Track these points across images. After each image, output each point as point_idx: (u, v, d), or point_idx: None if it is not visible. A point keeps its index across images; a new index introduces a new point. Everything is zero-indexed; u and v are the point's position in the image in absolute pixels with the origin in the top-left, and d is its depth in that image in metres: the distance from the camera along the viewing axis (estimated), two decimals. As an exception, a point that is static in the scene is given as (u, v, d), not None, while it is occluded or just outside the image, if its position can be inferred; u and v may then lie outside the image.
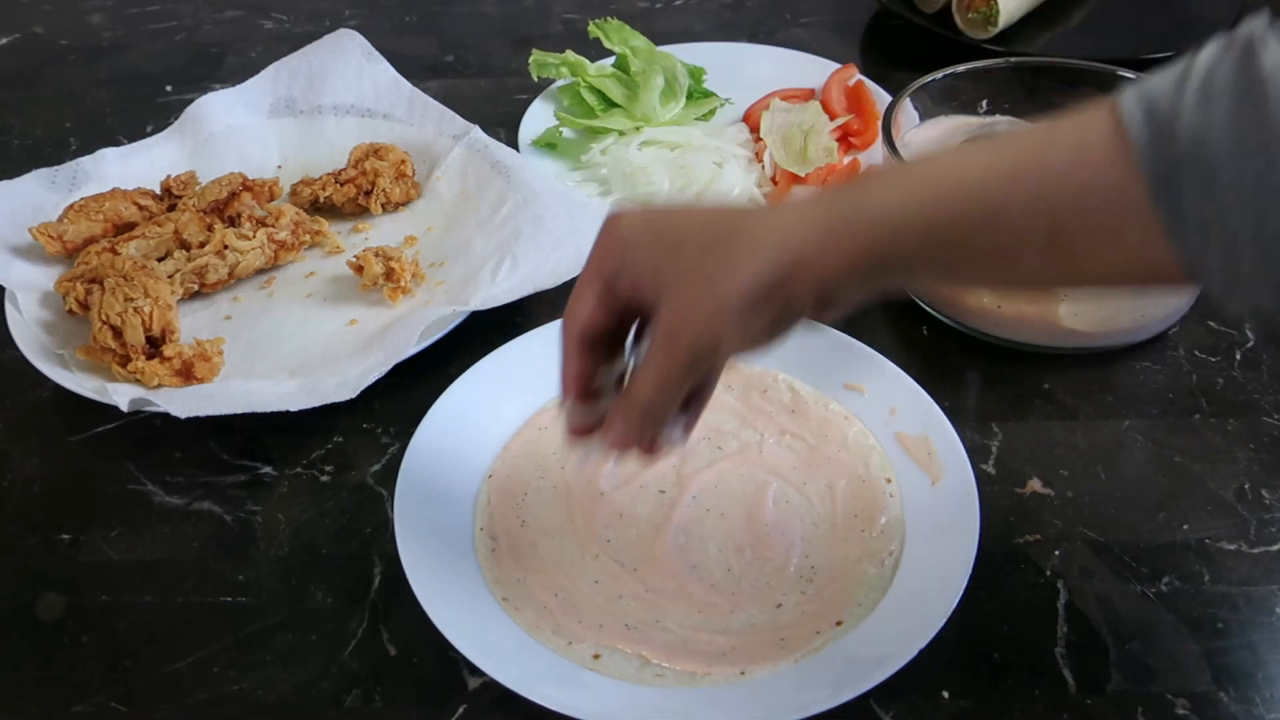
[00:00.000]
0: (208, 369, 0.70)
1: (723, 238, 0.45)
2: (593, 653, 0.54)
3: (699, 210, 0.48)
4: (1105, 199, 0.39)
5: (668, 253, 0.46)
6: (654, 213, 0.48)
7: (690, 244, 0.45)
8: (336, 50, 0.94)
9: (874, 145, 0.91)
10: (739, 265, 0.44)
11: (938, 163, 0.45)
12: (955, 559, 0.55)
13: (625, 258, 0.47)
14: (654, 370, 0.46)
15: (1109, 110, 0.40)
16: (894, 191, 0.44)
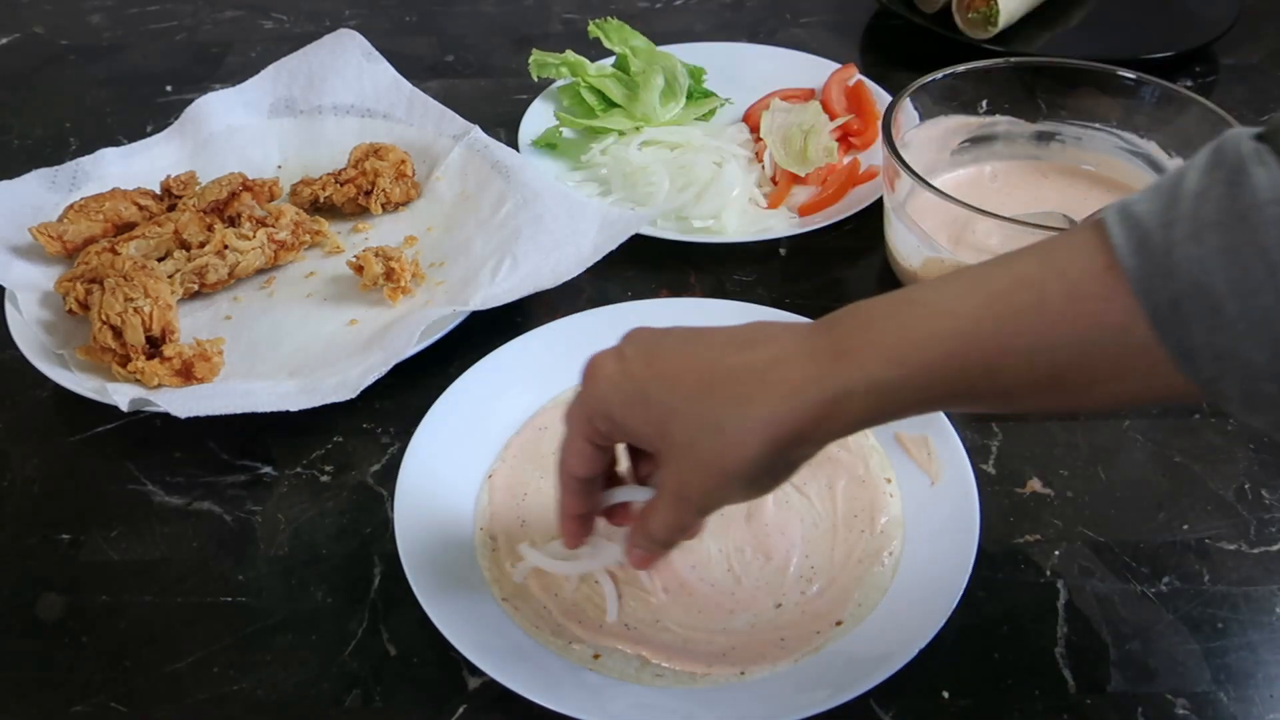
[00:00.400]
0: (208, 369, 0.70)
1: (712, 410, 0.44)
2: (593, 653, 0.54)
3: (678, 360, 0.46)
4: (1106, 339, 0.39)
5: (658, 421, 0.45)
6: (632, 364, 0.46)
7: (680, 415, 0.44)
8: (336, 50, 0.94)
9: (874, 145, 0.91)
10: (734, 443, 0.43)
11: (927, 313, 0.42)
12: (955, 559, 0.55)
13: (614, 420, 0.46)
14: (667, 517, 0.48)
15: (1098, 240, 0.39)
16: (887, 357, 0.42)
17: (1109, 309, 0.38)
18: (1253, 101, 0.99)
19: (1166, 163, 0.78)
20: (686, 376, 0.45)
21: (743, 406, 0.43)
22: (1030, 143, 0.83)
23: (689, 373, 0.45)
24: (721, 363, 0.45)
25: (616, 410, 0.46)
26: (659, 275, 0.80)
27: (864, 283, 0.80)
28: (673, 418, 0.45)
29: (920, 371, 0.41)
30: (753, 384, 0.43)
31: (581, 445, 0.49)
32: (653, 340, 0.47)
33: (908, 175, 0.70)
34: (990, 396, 0.43)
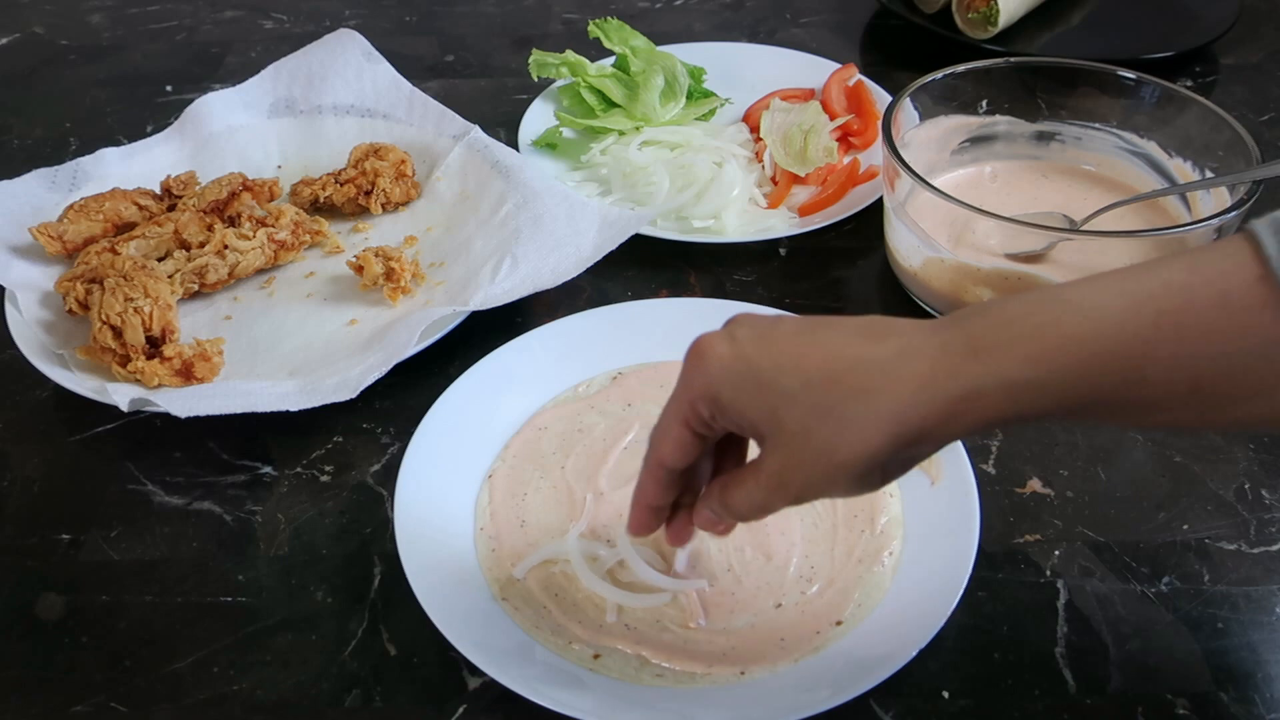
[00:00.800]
0: (208, 369, 0.70)
1: (834, 399, 0.42)
2: (593, 653, 0.54)
3: (798, 346, 0.43)
4: (1255, 351, 0.37)
5: (772, 407, 0.43)
6: (747, 348, 0.44)
7: (799, 402, 0.42)
8: (336, 50, 0.94)
9: (874, 145, 0.91)
10: (855, 436, 0.41)
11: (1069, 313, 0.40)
12: (955, 559, 0.55)
13: (721, 403, 0.44)
14: (756, 497, 0.46)
15: (1250, 251, 0.37)
16: (1025, 356, 0.40)
17: (1261, 321, 0.37)
18: (1253, 101, 0.99)
19: (1166, 163, 0.78)
20: (807, 362, 0.43)
21: (867, 398, 0.41)
22: (1030, 143, 0.83)
23: (809, 359, 0.43)
24: (845, 351, 0.43)
25: (726, 393, 0.44)
26: (659, 275, 0.80)
27: (864, 283, 0.80)
28: (788, 403, 0.42)
29: (1058, 374, 0.40)
30: (879, 375, 0.41)
31: (680, 432, 0.46)
32: (766, 325, 0.45)
33: (908, 175, 0.70)
34: (1125, 406, 0.41)
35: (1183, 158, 0.77)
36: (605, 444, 0.65)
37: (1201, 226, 0.66)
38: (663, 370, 0.69)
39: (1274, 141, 0.94)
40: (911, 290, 0.76)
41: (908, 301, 0.76)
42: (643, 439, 0.65)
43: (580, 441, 0.65)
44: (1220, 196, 0.72)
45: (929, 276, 0.72)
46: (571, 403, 0.68)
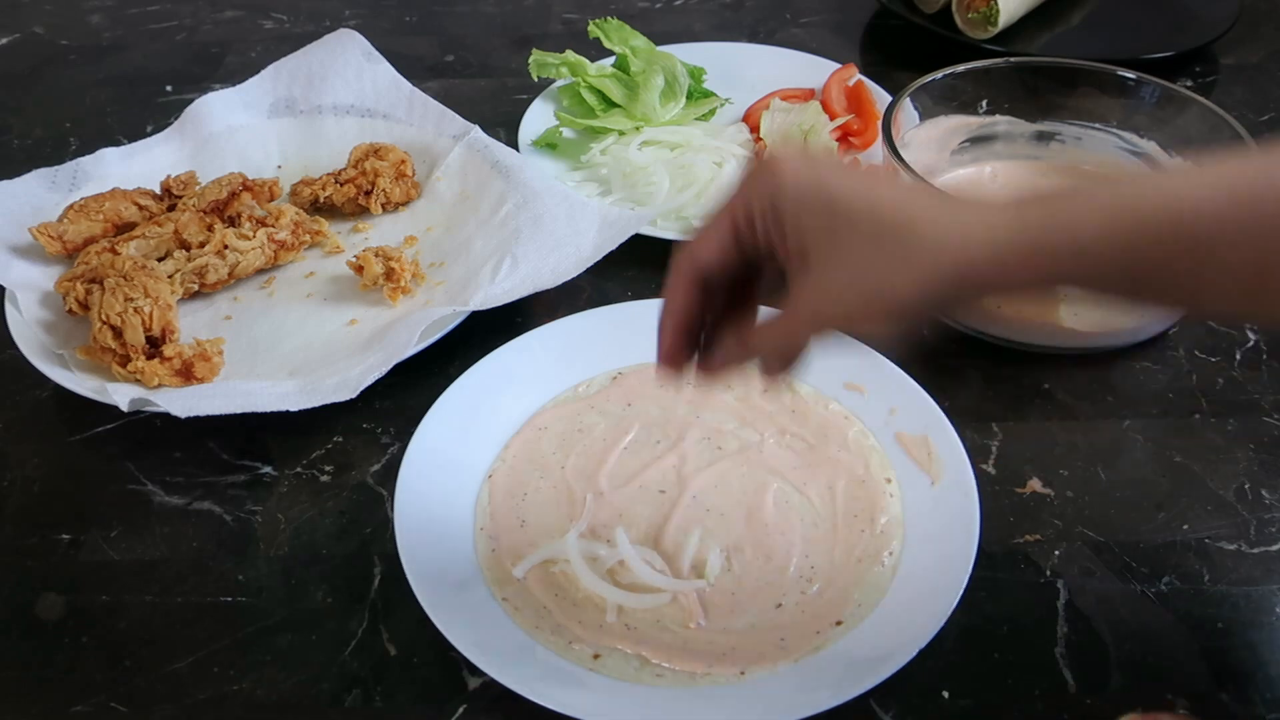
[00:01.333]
0: (208, 369, 0.70)
1: (899, 230, 0.41)
2: (593, 653, 0.54)
3: (870, 181, 0.42)
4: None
5: (835, 226, 0.41)
6: (821, 168, 0.43)
7: (862, 225, 0.41)
8: (336, 50, 0.94)
9: (874, 145, 0.91)
10: (912, 270, 0.40)
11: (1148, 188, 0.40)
12: (955, 559, 0.55)
13: (782, 211, 0.42)
14: (784, 333, 0.44)
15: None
16: (1094, 210, 0.40)
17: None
18: (1253, 101, 0.99)
19: (1166, 163, 0.78)
20: (880, 191, 0.42)
21: (937, 230, 0.40)
22: (1030, 143, 0.83)
23: (883, 189, 0.42)
24: (923, 194, 0.42)
25: (790, 204, 0.42)
26: (659, 275, 0.79)
27: (864, 283, 0.80)
28: (851, 226, 0.41)
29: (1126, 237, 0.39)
30: (951, 215, 0.41)
31: (724, 234, 0.44)
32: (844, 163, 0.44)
33: (908, 175, 0.70)
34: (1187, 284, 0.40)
35: (1183, 158, 0.77)
36: (605, 444, 0.65)
37: (1201, 226, 0.66)
38: (663, 370, 0.69)
39: (1274, 141, 0.94)
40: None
41: (908, 301, 0.76)
42: (643, 439, 0.65)
43: (580, 441, 0.65)
44: (1220, 196, 0.72)
45: (929, 276, 0.72)
46: (571, 403, 0.68)
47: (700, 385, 0.49)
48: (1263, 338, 0.73)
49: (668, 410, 0.67)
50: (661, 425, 0.66)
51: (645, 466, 0.64)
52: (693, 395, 0.68)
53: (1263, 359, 0.71)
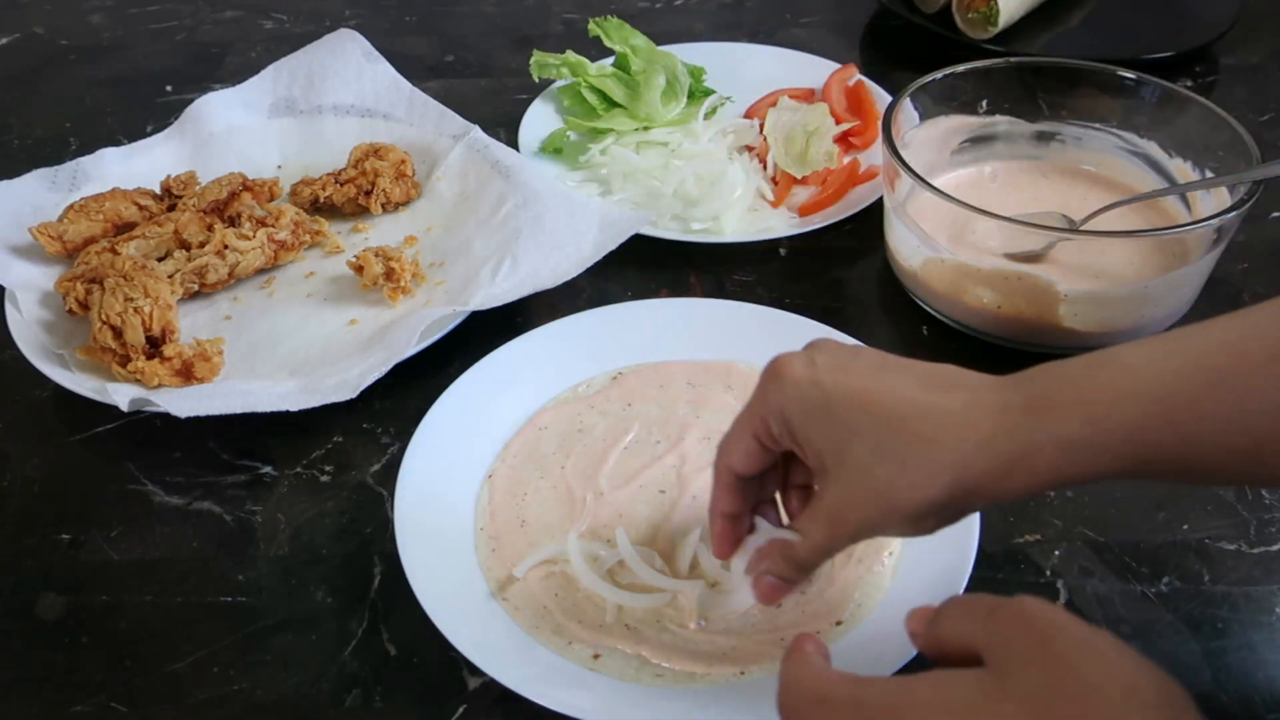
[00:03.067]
0: (208, 369, 0.70)
1: (899, 444, 0.43)
2: (593, 653, 0.54)
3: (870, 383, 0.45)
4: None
5: (838, 439, 0.45)
6: (823, 375, 0.46)
7: (863, 437, 0.44)
8: (336, 50, 0.94)
9: (874, 145, 0.91)
10: (912, 484, 0.43)
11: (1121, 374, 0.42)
12: (955, 559, 0.55)
13: (790, 423, 0.46)
14: (816, 540, 0.47)
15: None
16: (1081, 416, 0.41)
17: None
18: (1252, 101, 0.99)
19: (1166, 163, 0.78)
20: (876, 400, 0.44)
21: (930, 447, 0.43)
22: (1030, 143, 0.83)
23: (880, 398, 0.44)
24: (914, 397, 0.44)
25: (797, 417, 0.46)
26: (659, 275, 0.80)
27: (864, 283, 0.80)
28: (854, 438, 0.44)
29: (1114, 432, 0.41)
30: (943, 427, 0.43)
31: (749, 442, 0.48)
32: (845, 355, 0.47)
33: (908, 175, 0.70)
34: (1184, 466, 0.41)
35: (1183, 158, 0.77)
36: (605, 444, 0.65)
37: (1201, 226, 0.66)
38: (663, 370, 0.70)
39: (1274, 141, 0.94)
40: (911, 290, 0.76)
41: (908, 302, 0.76)
42: (643, 439, 0.65)
43: (580, 441, 0.65)
44: (1220, 196, 0.72)
45: (929, 276, 0.72)
46: (571, 403, 0.68)
47: None
48: (1263, 338, 0.72)
49: (668, 410, 0.67)
50: (661, 425, 0.66)
51: (645, 466, 0.64)
52: (693, 395, 0.68)
53: None
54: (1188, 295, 0.71)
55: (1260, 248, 0.80)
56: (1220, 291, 0.76)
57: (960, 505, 0.44)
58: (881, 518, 0.44)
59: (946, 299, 0.72)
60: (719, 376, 0.69)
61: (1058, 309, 0.68)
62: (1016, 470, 0.42)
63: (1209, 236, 0.68)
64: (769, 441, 0.48)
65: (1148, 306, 0.69)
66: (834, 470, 0.45)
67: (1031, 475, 0.42)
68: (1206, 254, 0.69)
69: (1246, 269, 0.78)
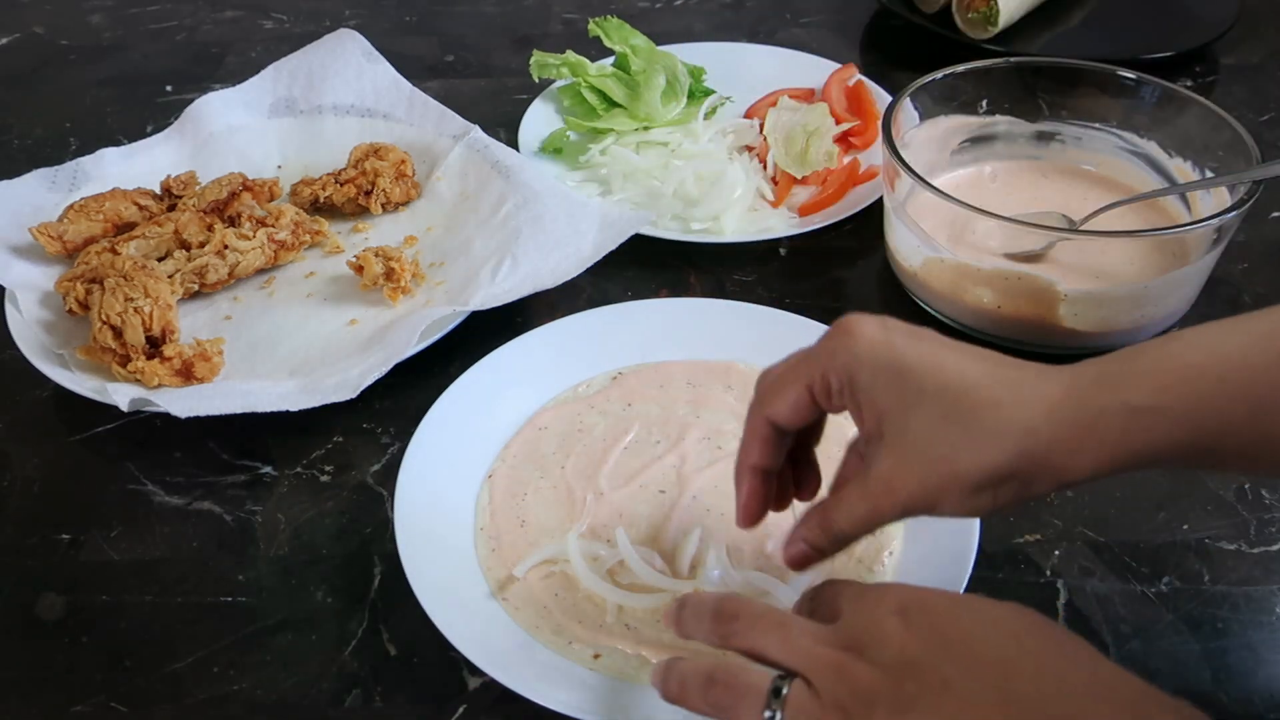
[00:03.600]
0: (208, 369, 0.70)
1: (966, 409, 0.42)
2: (593, 653, 0.54)
3: (942, 353, 0.44)
4: None
5: (905, 401, 0.43)
6: (897, 337, 0.45)
7: (931, 402, 0.43)
8: (336, 50, 0.94)
9: (874, 145, 0.91)
10: (978, 449, 0.42)
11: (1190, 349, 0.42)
12: (955, 559, 0.55)
13: (855, 381, 0.45)
14: (860, 510, 0.45)
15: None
16: (1152, 386, 0.41)
17: None
18: (1253, 101, 0.99)
19: (1166, 163, 0.78)
20: (949, 369, 0.44)
21: (998, 410, 0.42)
22: (1030, 143, 0.83)
23: (953, 367, 0.44)
24: (987, 370, 0.44)
25: (864, 373, 0.44)
26: (659, 275, 0.80)
27: (864, 283, 0.80)
28: (920, 402, 0.43)
29: (1182, 402, 0.40)
30: (1013, 392, 0.42)
31: (800, 393, 0.47)
32: (914, 328, 0.46)
33: (908, 175, 0.70)
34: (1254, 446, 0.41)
35: (1183, 158, 0.77)
36: (605, 444, 0.65)
37: (1201, 226, 0.66)
38: (663, 370, 0.70)
39: (1274, 141, 0.94)
40: (911, 290, 0.76)
41: (908, 301, 0.76)
42: (643, 439, 0.65)
43: (580, 441, 0.65)
44: (1220, 196, 0.72)
45: (929, 276, 0.72)
46: (571, 403, 0.68)
47: None
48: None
49: (668, 410, 0.67)
50: (661, 425, 0.66)
51: (645, 466, 0.64)
52: (693, 395, 0.68)
53: None
54: (1188, 295, 0.71)
55: (1260, 248, 0.80)
56: (1220, 291, 0.76)
57: (1024, 479, 0.42)
58: (940, 487, 0.43)
59: (946, 299, 0.72)
60: (719, 376, 0.69)
61: (1058, 309, 0.68)
62: (1086, 441, 0.41)
63: (1209, 236, 0.68)
64: (823, 397, 0.46)
65: (1148, 306, 0.69)
66: (892, 436, 0.44)
67: (1100, 446, 0.41)
68: (1206, 254, 0.69)
69: (1246, 269, 0.78)
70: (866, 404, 0.45)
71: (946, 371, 0.43)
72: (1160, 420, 0.41)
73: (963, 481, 0.42)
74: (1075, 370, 0.43)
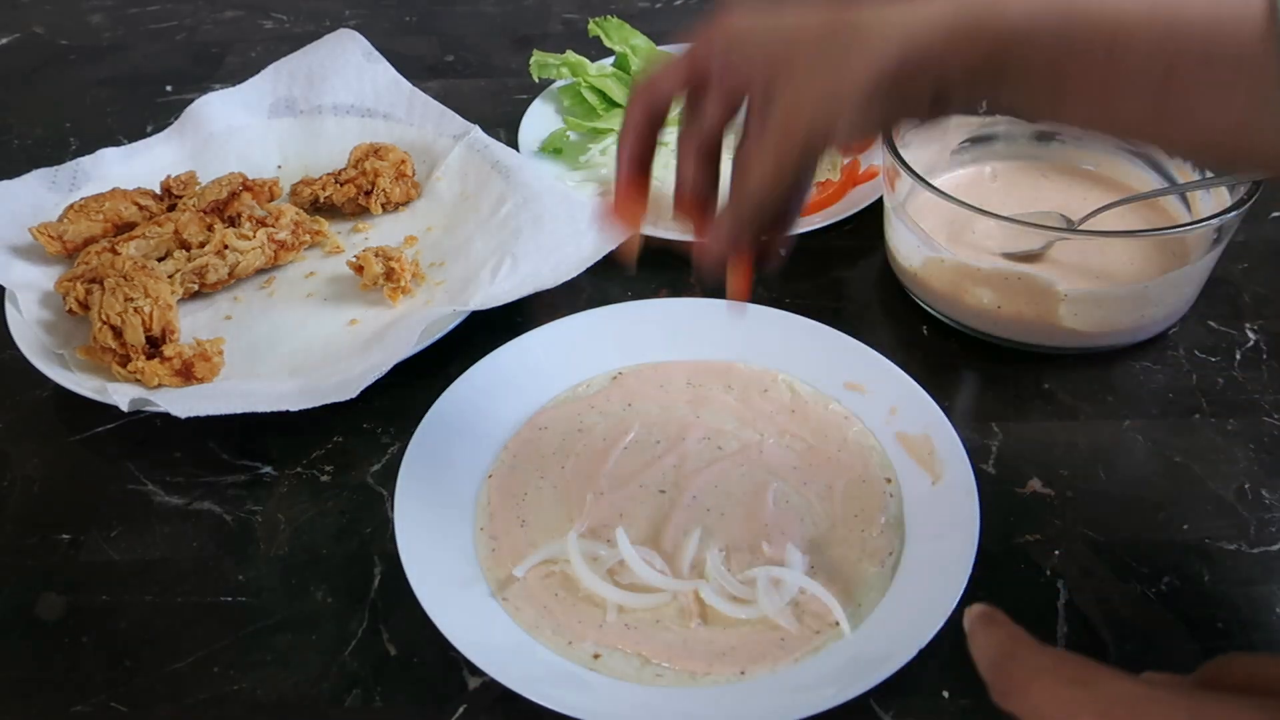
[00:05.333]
0: (208, 369, 0.70)
1: (843, 29, 0.44)
2: (593, 653, 0.54)
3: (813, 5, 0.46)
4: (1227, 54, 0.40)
5: (784, 44, 0.45)
6: (765, 6, 0.46)
7: (808, 35, 0.44)
8: (336, 50, 0.94)
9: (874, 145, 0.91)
10: (861, 55, 0.43)
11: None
12: (955, 559, 0.55)
13: (734, 48, 0.46)
14: (767, 158, 0.45)
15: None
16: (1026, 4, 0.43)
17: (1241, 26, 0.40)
18: (1253, 101, 0.99)
19: (1166, 162, 0.78)
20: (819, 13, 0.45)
21: (880, 22, 0.43)
22: (1030, 143, 0.83)
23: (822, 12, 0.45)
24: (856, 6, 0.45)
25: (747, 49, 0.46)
26: (659, 275, 0.80)
27: (864, 283, 0.80)
28: (796, 41, 0.44)
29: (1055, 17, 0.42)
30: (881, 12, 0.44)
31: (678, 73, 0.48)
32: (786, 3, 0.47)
33: (908, 175, 0.70)
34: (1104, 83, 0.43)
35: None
36: (605, 444, 0.65)
37: (1201, 226, 0.66)
38: (663, 370, 0.70)
39: (1274, 141, 0.94)
40: (911, 290, 0.76)
41: (908, 302, 0.76)
42: (643, 439, 0.65)
43: (580, 441, 0.65)
44: (1220, 196, 0.72)
45: (929, 276, 0.72)
46: (571, 403, 0.68)
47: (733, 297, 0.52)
48: (1263, 337, 0.73)
49: (668, 410, 0.67)
50: (661, 425, 0.66)
51: (645, 466, 0.64)
52: (692, 395, 0.68)
53: (1263, 359, 0.71)
54: (1188, 295, 0.71)
55: (1260, 248, 0.80)
56: (1220, 291, 0.76)
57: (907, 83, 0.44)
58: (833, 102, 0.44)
59: (946, 299, 0.72)
60: (719, 376, 0.69)
61: (1058, 309, 0.68)
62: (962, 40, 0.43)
63: (1209, 236, 0.68)
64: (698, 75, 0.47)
65: (1148, 306, 0.69)
66: (782, 79, 0.45)
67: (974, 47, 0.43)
68: (1206, 254, 0.69)
69: (1246, 269, 0.78)
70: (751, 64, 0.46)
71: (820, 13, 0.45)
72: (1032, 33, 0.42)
73: (850, 90, 0.43)
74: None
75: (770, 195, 0.46)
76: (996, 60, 0.43)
